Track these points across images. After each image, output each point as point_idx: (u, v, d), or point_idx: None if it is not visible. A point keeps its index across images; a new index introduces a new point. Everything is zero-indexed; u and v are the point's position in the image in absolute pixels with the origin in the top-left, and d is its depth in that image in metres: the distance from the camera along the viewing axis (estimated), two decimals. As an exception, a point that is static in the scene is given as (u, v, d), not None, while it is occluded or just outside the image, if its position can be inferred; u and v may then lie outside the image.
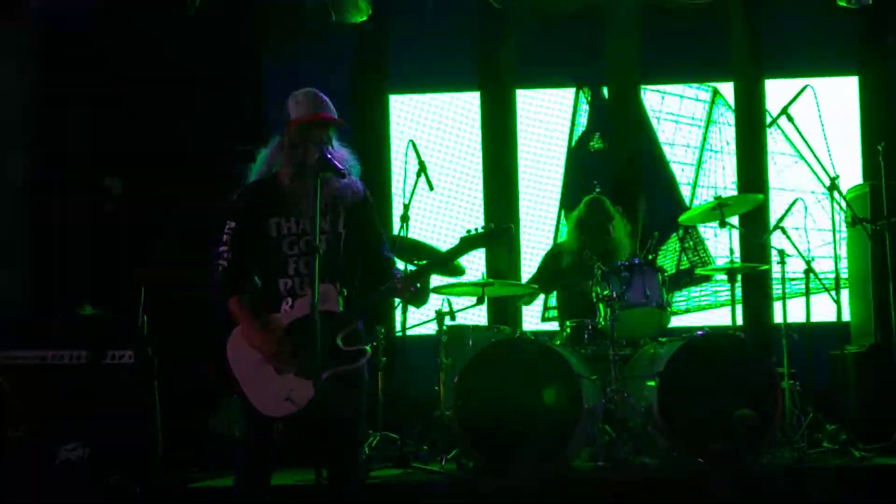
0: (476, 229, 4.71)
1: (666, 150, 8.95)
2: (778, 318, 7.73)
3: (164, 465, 6.31)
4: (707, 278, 8.24)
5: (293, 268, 4.57)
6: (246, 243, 4.60)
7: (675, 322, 7.26)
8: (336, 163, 4.52)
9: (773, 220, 8.02)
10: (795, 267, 7.29)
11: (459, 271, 7.29)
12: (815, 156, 6.94)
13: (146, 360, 6.21)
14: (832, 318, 7.12)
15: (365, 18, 8.33)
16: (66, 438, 6.17)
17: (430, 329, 7.23)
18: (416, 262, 6.96)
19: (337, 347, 4.49)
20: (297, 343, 4.46)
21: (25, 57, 7.92)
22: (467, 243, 4.71)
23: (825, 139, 6.97)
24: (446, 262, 5.00)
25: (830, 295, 7.13)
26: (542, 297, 8.05)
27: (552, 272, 7.63)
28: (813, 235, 7.26)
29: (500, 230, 4.75)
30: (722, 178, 8.88)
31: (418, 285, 4.64)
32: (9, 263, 7.68)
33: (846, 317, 7.87)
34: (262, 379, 4.50)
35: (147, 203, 7.53)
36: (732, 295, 7.20)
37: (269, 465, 4.65)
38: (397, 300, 5.61)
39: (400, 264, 5.57)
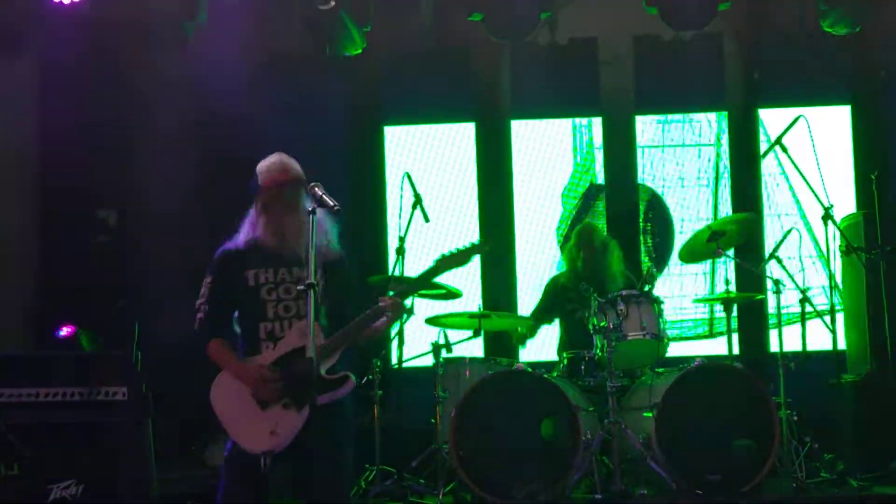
0: (454, 249, 4.92)
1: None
2: (774, 346, 7.72)
3: (159, 501, 6.27)
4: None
5: (272, 312, 4.74)
6: (223, 295, 4.80)
7: (672, 351, 7.24)
8: (328, 199, 4.63)
9: (768, 249, 8.03)
10: (791, 295, 7.30)
11: (455, 295, 7.27)
12: (808, 185, 6.95)
13: (140, 397, 6.18)
14: (828, 346, 7.10)
15: (359, 51, 8.36)
16: (60, 476, 6.12)
17: (427, 361, 7.20)
18: (413, 294, 6.94)
19: (321, 378, 4.60)
20: (284, 375, 4.59)
21: (25, 92, 7.93)
22: (445, 262, 4.91)
23: (819, 169, 6.98)
24: (426, 281, 5.05)
25: (825, 324, 7.12)
26: (539, 332, 7.97)
27: (551, 302, 7.64)
28: (807, 263, 7.27)
29: (476, 247, 4.94)
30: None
31: (401, 304, 4.83)
32: (4, 301, 7.67)
33: (842, 345, 7.87)
34: (247, 417, 4.61)
35: (142, 235, 7.54)
36: (728, 324, 7.20)
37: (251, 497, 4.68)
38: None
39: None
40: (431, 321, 7.11)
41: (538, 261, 8.92)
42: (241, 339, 4.80)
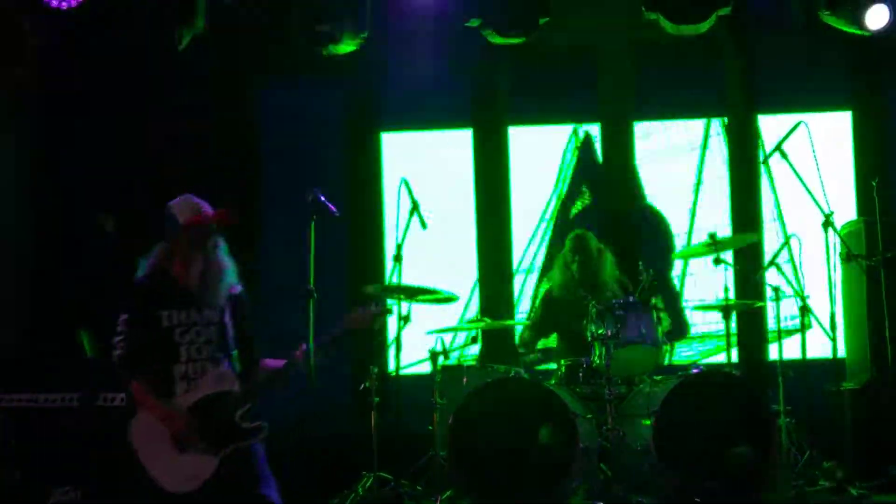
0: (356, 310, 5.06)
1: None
2: (773, 354, 7.70)
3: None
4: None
5: (185, 354, 4.87)
6: (138, 333, 4.90)
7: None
8: (329, 205, 4.89)
9: (767, 256, 8.02)
10: (790, 303, 7.29)
11: (450, 300, 7.26)
12: (809, 192, 6.94)
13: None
14: (828, 353, 7.09)
15: (355, 48, 8.31)
16: (59, 481, 6.13)
17: (425, 368, 7.20)
18: (410, 300, 6.95)
19: (236, 424, 4.82)
20: (201, 422, 4.79)
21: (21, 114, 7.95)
22: (349, 322, 5.02)
23: (819, 175, 6.96)
24: (332, 344, 5.07)
25: (825, 331, 7.11)
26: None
27: (547, 314, 7.61)
28: (807, 271, 7.26)
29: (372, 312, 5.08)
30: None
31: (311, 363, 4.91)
32: (3, 306, 7.68)
33: (841, 353, 7.85)
34: (166, 458, 4.79)
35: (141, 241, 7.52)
36: (727, 332, 7.18)
37: None
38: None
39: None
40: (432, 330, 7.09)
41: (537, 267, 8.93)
42: (154, 377, 4.89)
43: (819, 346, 7.31)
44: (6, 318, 7.71)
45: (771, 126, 8.71)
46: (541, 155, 9.03)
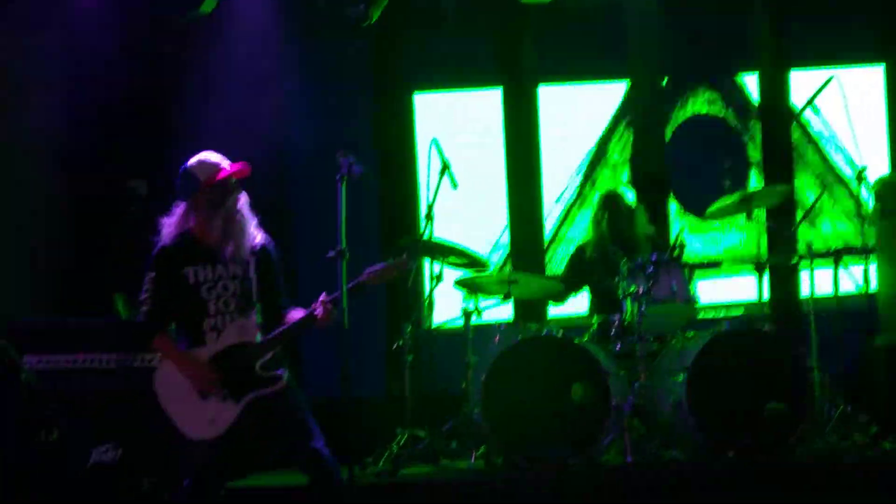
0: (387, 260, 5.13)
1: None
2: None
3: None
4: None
5: (213, 308, 4.96)
6: (164, 291, 4.99)
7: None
8: (359, 167, 4.98)
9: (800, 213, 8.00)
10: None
11: (481, 263, 7.28)
12: (840, 147, 6.90)
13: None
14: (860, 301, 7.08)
15: (376, 18, 8.31)
16: (98, 441, 6.22)
17: (458, 324, 7.23)
18: (441, 261, 6.98)
19: (256, 374, 4.91)
20: (223, 370, 4.89)
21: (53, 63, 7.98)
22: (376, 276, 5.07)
23: (851, 130, 6.92)
24: (358, 291, 5.12)
25: (859, 287, 7.08)
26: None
27: (578, 271, 7.61)
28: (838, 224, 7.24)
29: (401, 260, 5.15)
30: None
31: (335, 311, 5.00)
32: (42, 269, 7.76)
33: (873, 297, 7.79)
34: (188, 406, 4.91)
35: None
36: (760, 288, 7.16)
37: (213, 479, 4.99)
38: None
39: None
40: (460, 283, 7.11)
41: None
42: (184, 331, 5.02)
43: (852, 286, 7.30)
44: (44, 281, 7.79)
45: (802, 81, 8.65)
46: (572, 113, 9.01)
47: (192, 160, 5.05)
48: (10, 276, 7.48)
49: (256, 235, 5.04)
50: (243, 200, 5.01)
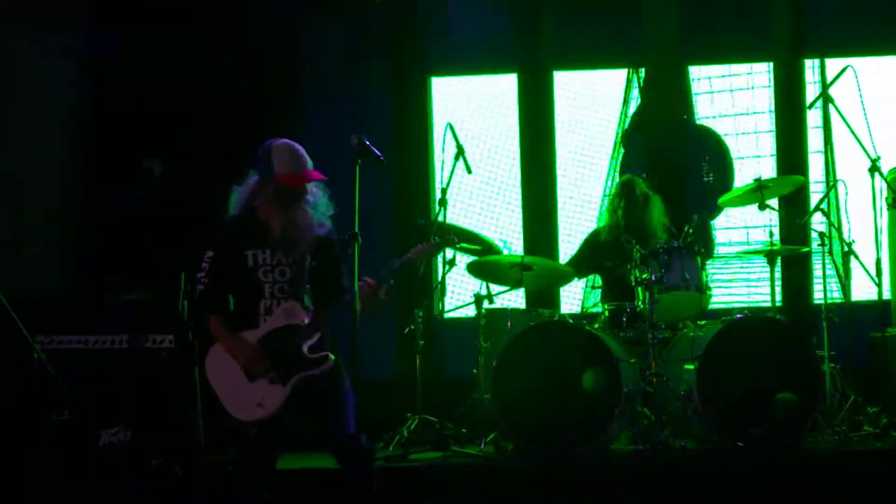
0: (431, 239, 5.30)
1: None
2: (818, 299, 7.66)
3: (205, 447, 6.37)
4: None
5: (269, 292, 5.00)
6: (222, 271, 5.04)
7: (715, 303, 7.22)
8: (374, 149, 4.96)
9: (813, 202, 7.96)
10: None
11: (495, 251, 7.27)
12: (855, 137, 6.86)
13: (187, 345, 6.27)
14: (872, 297, 7.05)
15: None
16: (108, 422, 6.24)
17: (470, 311, 7.23)
18: (456, 246, 6.98)
19: (303, 355, 4.94)
20: (271, 352, 4.92)
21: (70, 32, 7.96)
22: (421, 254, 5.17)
23: (866, 120, 6.89)
24: (400, 272, 5.17)
25: (871, 277, 7.06)
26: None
27: (591, 254, 7.61)
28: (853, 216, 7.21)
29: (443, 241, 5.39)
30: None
31: (382, 294, 5.03)
32: (53, 249, 7.77)
33: (887, 295, 7.78)
34: (237, 388, 4.94)
35: (187, 185, 7.57)
36: (772, 277, 7.15)
37: (261, 458, 5.01)
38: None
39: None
40: (473, 268, 7.10)
41: (583, 214, 8.91)
42: (238, 312, 5.04)
43: (864, 290, 7.27)
44: (56, 261, 7.80)
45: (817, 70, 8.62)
46: (587, 98, 8.98)
47: (279, 143, 5.04)
48: (23, 256, 7.49)
49: (323, 225, 5.06)
50: (310, 199, 5.00)
